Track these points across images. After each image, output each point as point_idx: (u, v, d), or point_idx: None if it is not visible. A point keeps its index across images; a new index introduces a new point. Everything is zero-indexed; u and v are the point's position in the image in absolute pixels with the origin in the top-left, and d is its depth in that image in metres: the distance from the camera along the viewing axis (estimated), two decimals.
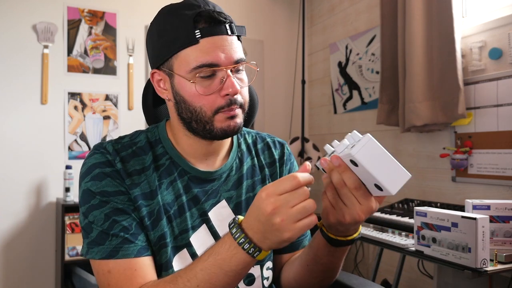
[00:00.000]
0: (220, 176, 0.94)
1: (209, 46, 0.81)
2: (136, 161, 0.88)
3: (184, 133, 0.90)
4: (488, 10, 2.03)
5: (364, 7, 2.77)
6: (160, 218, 0.86)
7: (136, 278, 0.80)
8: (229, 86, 0.82)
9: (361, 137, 0.65)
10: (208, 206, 0.92)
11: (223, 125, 0.85)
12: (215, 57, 0.81)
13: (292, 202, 0.65)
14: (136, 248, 0.82)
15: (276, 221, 0.65)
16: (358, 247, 2.77)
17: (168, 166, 0.90)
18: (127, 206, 0.84)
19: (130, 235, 0.82)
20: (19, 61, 2.56)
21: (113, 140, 0.91)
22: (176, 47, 0.83)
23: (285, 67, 3.36)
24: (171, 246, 0.87)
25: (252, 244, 0.69)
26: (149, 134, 0.94)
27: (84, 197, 0.85)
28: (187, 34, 0.81)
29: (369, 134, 0.64)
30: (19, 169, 2.53)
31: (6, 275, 2.50)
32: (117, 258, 0.80)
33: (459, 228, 1.31)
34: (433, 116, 2.06)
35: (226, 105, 0.83)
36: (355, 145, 0.64)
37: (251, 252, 0.69)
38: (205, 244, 0.89)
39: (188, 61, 0.82)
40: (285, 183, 0.66)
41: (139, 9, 2.88)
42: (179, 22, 0.82)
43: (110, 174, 0.85)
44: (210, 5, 0.85)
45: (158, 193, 0.87)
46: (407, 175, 0.63)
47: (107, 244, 0.81)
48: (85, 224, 0.84)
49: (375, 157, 0.62)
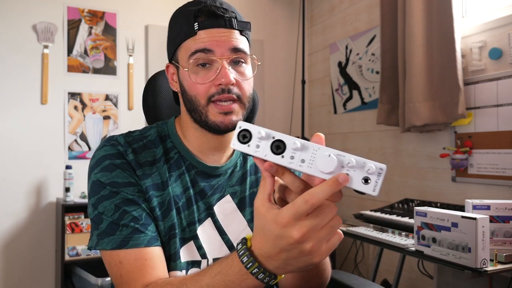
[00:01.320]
0: (225, 172, 0.96)
1: (205, 36, 0.85)
2: (148, 153, 0.90)
3: (192, 125, 0.92)
4: (488, 10, 2.03)
5: (364, 7, 2.77)
6: (171, 208, 0.88)
7: (147, 268, 0.80)
8: (222, 76, 0.83)
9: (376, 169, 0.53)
10: (214, 201, 0.93)
11: (216, 120, 0.86)
12: (209, 44, 0.84)
13: (320, 224, 0.57)
14: (146, 238, 0.82)
15: (306, 247, 0.57)
16: (358, 247, 2.77)
17: (177, 160, 0.92)
18: (137, 197, 0.85)
19: (140, 225, 0.83)
20: (19, 61, 2.56)
21: (124, 134, 0.93)
22: (179, 40, 0.88)
23: (285, 67, 3.36)
24: (179, 237, 0.88)
25: (267, 273, 0.61)
26: (159, 129, 0.96)
27: (94, 188, 0.86)
28: (188, 28, 0.86)
29: (385, 166, 0.54)
30: (19, 169, 2.53)
31: (6, 275, 2.50)
32: (127, 247, 0.81)
33: (459, 228, 1.31)
34: (433, 116, 2.06)
35: (217, 93, 0.84)
36: (369, 180, 0.54)
37: (266, 281, 0.62)
38: (210, 238, 0.91)
39: (187, 51, 0.86)
40: (302, 207, 0.56)
41: (139, 9, 2.88)
42: (183, 18, 0.88)
43: (120, 165, 0.86)
44: (217, 2, 0.88)
45: (168, 185, 0.89)
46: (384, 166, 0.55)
47: (118, 234, 0.81)
48: (94, 216, 0.85)
49: None
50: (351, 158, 0.54)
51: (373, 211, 1.99)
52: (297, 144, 0.56)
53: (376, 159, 2.62)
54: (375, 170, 0.53)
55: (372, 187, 0.53)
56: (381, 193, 2.56)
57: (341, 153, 0.55)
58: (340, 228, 0.60)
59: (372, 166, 0.53)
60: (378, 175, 0.53)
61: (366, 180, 0.53)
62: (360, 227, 1.86)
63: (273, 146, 0.57)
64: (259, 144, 0.57)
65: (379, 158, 2.62)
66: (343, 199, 2.22)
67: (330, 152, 0.54)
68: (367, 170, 0.53)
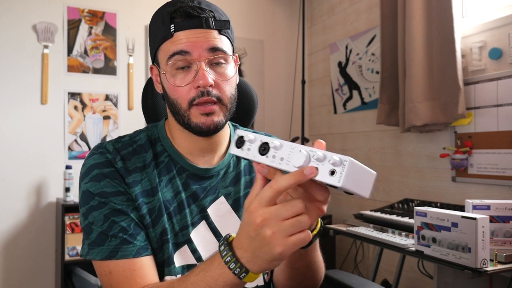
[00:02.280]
0: (218, 173, 0.95)
1: (181, 37, 0.83)
2: (137, 159, 0.89)
3: (178, 127, 0.91)
4: (488, 10, 2.03)
5: (364, 7, 2.77)
6: (161, 214, 0.87)
7: (135, 278, 0.80)
8: (200, 78, 0.82)
9: (341, 161, 0.55)
10: (207, 203, 0.92)
11: (198, 121, 0.85)
12: (185, 45, 0.83)
13: (283, 215, 0.58)
14: (134, 248, 0.82)
15: (267, 233, 0.58)
16: (358, 247, 2.77)
17: (167, 164, 0.91)
18: (125, 207, 0.84)
19: (129, 235, 0.83)
20: (19, 61, 2.56)
21: (113, 140, 0.92)
22: (158, 42, 0.86)
23: (285, 67, 3.36)
24: (172, 242, 0.87)
25: (239, 264, 0.63)
26: (149, 133, 0.94)
27: (84, 198, 0.86)
28: (164, 30, 0.84)
29: (350, 158, 0.56)
30: (19, 169, 2.53)
31: (6, 275, 2.50)
32: (116, 258, 0.81)
33: (459, 228, 1.31)
34: (433, 116, 2.06)
35: (197, 97, 0.84)
36: (335, 172, 0.55)
37: (237, 272, 0.63)
38: (205, 240, 0.90)
39: (165, 54, 0.85)
40: (266, 192, 0.59)
41: (139, 9, 2.88)
42: (160, 20, 0.86)
43: (108, 174, 0.85)
44: (195, 1, 0.86)
45: (158, 190, 0.88)
46: (374, 174, 0.59)
47: (107, 245, 0.82)
48: (85, 225, 0.85)
49: (353, 176, 0.56)
50: (317, 152, 0.57)
51: (373, 211, 1.99)
52: (276, 143, 0.60)
53: (376, 159, 2.62)
54: (339, 162, 0.55)
55: (337, 178, 0.55)
56: (381, 193, 2.56)
57: (312, 149, 0.58)
58: (340, 228, 0.61)
59: (336, 158, 0.55)
60: (343, 166, 0.55)
61: (332, 172, 0.56)
62: (360, 227, 1.86)
63: (260, 148, 0.62)
64: (249, 148, 0.63)
65: (379, 158, 2.62)
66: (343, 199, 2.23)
67: (301, 148, 0.58)
68: (332, 162, 0.56)
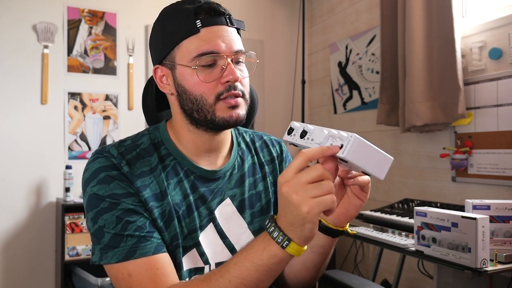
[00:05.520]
0: (224, 175, 0.95)
1: (209, 35, 0.84)
2: (142, 163, 0.87)
3: (187, 128, 0.90)
4: (488, 10, 2.03)
5: (364, 7, 2.77)
6: (172, 218, 0.86)
7: (160, 277, 0.78)
8: (230, 73, 0.84)
9: (348, 137, 0.67)
10: (215, 205, 0.92)
11: (225, 115, 0.85)
12: (215, 45, 0.84)
13: (305, 178, 0.65)
14: (153, 245, 0.81)
15: (293, 197, 0.64)
16: (358, 247, 2.77)
17: (174, 167, 0.90)
18: (138, 207, 0.83)
19: (146, 233, 0.81)
20: (19, 61, 2.56)
21: (116, 144, 0.90)
22: (178, 38, 0.85)
23: (285, 67, 3.36)
24: (181, 246, 0.87)
25: (281, 232, 0.68)
26: (151, 136, 0.93)
27: (92, 202, 0.83)
28: (189, 25, 0.84)
29: (355, 134, 0.66)
30: (19, 169, 2.53)
31: (6, 275, 2.50)
32: (135, 258, 0.79)
33: (459, 228, 1.31)
34: (433, 116, 2.06)
35: (225, 91, 0.84)
36: (343, 146, 0.67)
37: (280, 240, 0.67)
38: (212, 243, 0.90)
39: (190, 50, 0.84)
40: (293, 162, 0.67)
41: (139, 9, 2.88)
42: (181, 15, 0.86)
43: (117, 177, 0.84)
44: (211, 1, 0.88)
45: (167, 194, 0.87)
46: (390, 159, 0.69)
47: (123, 245, 0.79)
48: (95, 230, 0.82)
49: (363, 153, 0.67)
50: (332, 131, 0.70)
51: (373, 211, 1.99)
52: (310, 128, 0.75)
53: None
54: (345, 137, 0.67)
55: (343, 151, 0.66)
56: (381, 193, 2.56)
57: (331, 130, 0.71)
58: None
59: (344, 134, 0.68)
60: (348, 141, 0.66)
61: (341, 147, 0.67)
62: (360, 227, 1.86)
63: (302, 133, 0.76)
64: (295, 134, 0.77)
65: None
66: None
67: (324, 129, 0.72)
68: (341, 137, 0.67)
